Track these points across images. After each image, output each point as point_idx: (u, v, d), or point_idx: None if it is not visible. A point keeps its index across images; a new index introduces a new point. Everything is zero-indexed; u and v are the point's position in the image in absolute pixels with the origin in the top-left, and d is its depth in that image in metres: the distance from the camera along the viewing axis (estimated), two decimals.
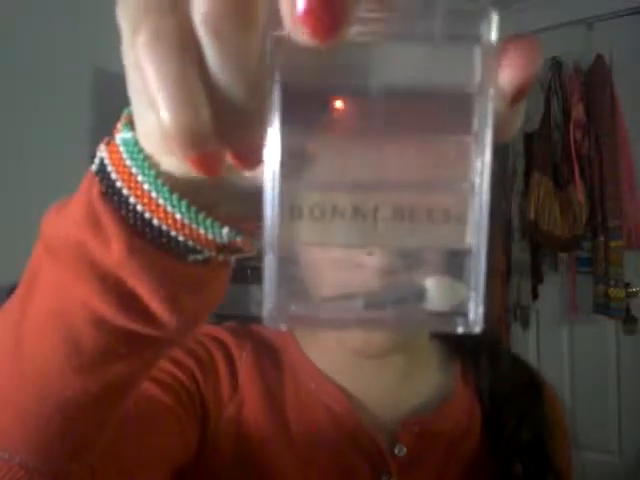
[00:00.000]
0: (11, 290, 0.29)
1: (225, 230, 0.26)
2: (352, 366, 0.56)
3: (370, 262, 0.42)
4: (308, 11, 0.19)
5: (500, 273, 2.35)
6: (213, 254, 0.27)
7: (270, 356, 0.58)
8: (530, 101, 2.35)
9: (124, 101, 0.25)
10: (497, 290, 2.36)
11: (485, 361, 0.59)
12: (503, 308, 2.36)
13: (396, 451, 0.52)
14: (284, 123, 0.23)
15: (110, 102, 1.52)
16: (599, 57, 2.22)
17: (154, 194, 0.25)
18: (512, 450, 0.54)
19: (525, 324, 2.37)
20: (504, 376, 0.59)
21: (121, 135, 0.26)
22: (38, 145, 1.33)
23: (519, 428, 0.55)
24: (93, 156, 0.27)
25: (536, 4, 2.39)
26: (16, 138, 1.29)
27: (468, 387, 0.59)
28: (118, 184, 0.26)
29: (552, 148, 2.26)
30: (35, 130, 1.32)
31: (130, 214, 0.25)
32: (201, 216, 0.26)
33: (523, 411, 0.56)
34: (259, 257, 0.52)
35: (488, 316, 0.63)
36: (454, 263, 0.25)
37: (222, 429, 0.53)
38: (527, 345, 2.49)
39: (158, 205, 0.25)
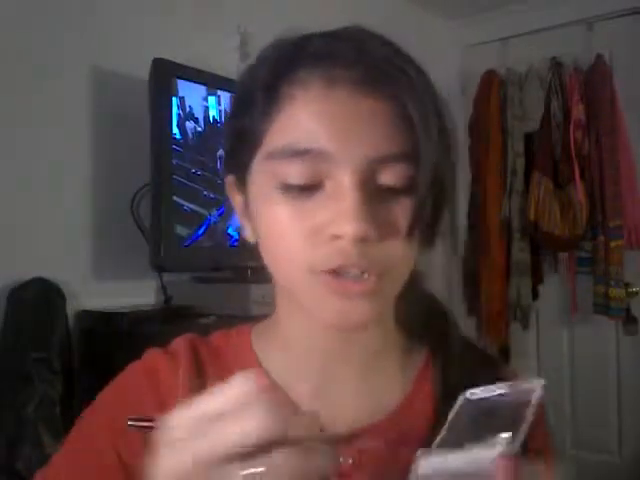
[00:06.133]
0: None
1: None
2: (314, 370, 0.54)
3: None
4: None
5: (500, 272, 2.35)
6: None
7: (217, 370, 0.55)
8: (530, 101, 2.36)
9: (122, 100, 0.25)
10: (497, 289, 2.36)
11: (451, 354, 0.55)
12: (504, 306, 2.36)
13: (340, 460, 0.51)
14: None
15: (109, 101, 1.52)
16: (599, 57, 2.22)
17: None
18: None
19: (525, 324, 2.36)
20: (468, 372, 0.53)
21: None
22: (37, 145, 1.33)
23: None
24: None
25: (536, 4, 2.39)
26: (15, 137, 1.29)
27: (425, 384, 0.55)
28: None
29: (552, 148, 2.26)
30: (34, 129, 1.32)
31: None
32: None
33: None
34: (259, 257, 0.52)
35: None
36: None
37: None
38: (527, 345, 2.49)
39: None
